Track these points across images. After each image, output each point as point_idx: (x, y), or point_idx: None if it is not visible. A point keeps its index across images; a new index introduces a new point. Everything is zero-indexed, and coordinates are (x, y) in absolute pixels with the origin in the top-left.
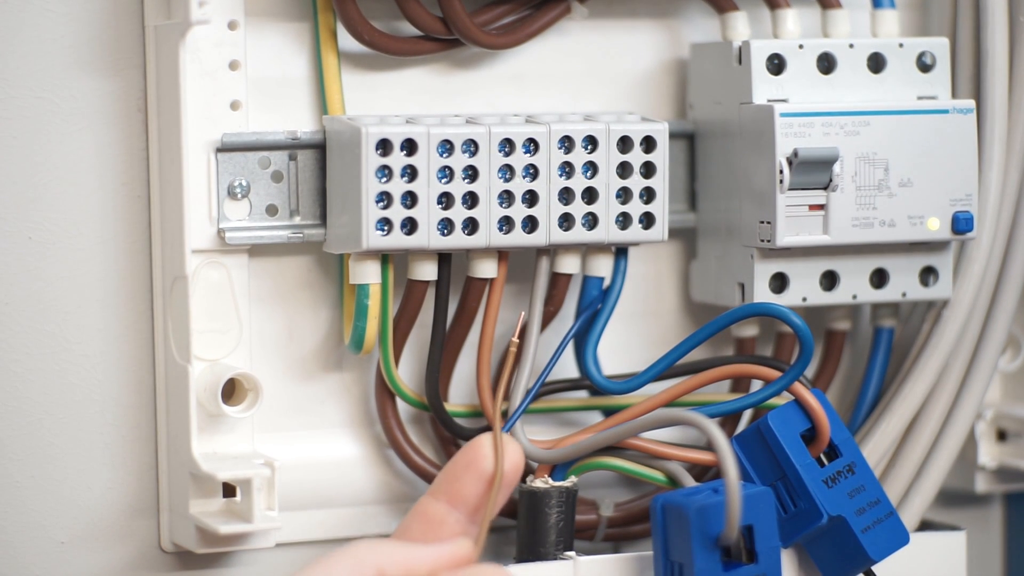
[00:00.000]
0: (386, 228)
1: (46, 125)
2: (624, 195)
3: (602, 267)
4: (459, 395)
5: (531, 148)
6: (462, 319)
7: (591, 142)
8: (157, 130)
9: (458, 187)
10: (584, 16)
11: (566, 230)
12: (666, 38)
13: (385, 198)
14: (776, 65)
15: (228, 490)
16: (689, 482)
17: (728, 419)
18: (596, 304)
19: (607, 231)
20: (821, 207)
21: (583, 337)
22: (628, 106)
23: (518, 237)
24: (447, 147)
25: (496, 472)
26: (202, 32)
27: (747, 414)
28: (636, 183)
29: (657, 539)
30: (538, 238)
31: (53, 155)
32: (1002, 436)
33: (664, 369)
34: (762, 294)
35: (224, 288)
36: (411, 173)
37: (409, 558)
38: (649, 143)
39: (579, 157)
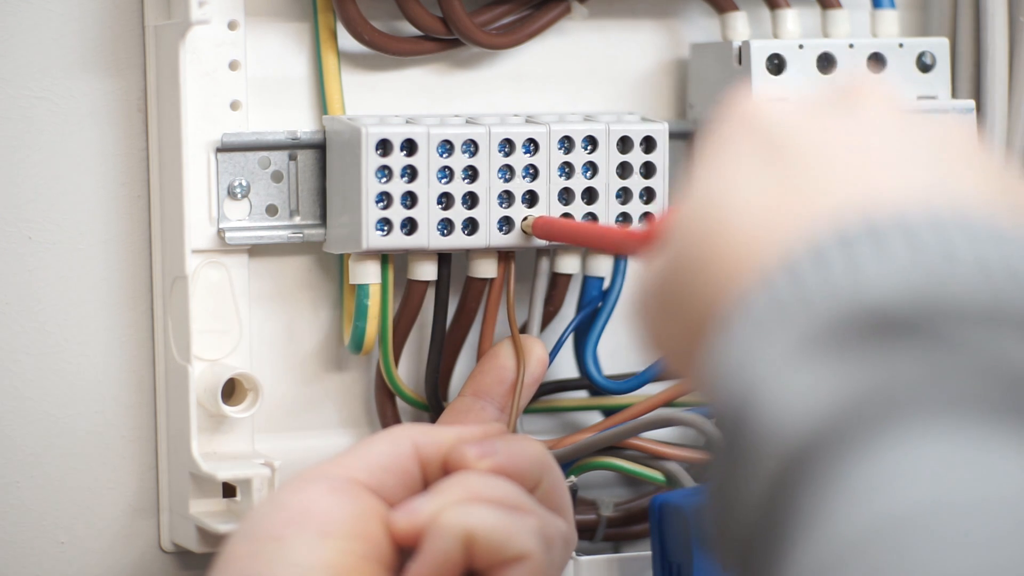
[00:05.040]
0: (386, 228)
1: (46, 125)
2: (624, 195)
3: (602, 267)
4: None
5: (531, 148)
6: (462, 319)
7: (591, 142)
8: (157, 130)
9: (458, 187)
10: (584, 16)
11: None
12: (666, 38)
13: (385, 198)
14: (776, 65)
15: (228, 490)
16: (689, 482)
17: None
18: (596, 304)
19: None
20: None
21: (583, 337)
22: (628, 106)
23: (518, 237)
24: (447, 147)
25: (519, 361)
26: (202, 32)
27: None
28: (636, 183)
29: (655, 540)
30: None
31: (53, 155)
32: None
33: (664, 369)
34: None
35: (224, 288)
36: (411, 173)
37: (442, 433)
38: (649, 143)
39: (579, 157)
